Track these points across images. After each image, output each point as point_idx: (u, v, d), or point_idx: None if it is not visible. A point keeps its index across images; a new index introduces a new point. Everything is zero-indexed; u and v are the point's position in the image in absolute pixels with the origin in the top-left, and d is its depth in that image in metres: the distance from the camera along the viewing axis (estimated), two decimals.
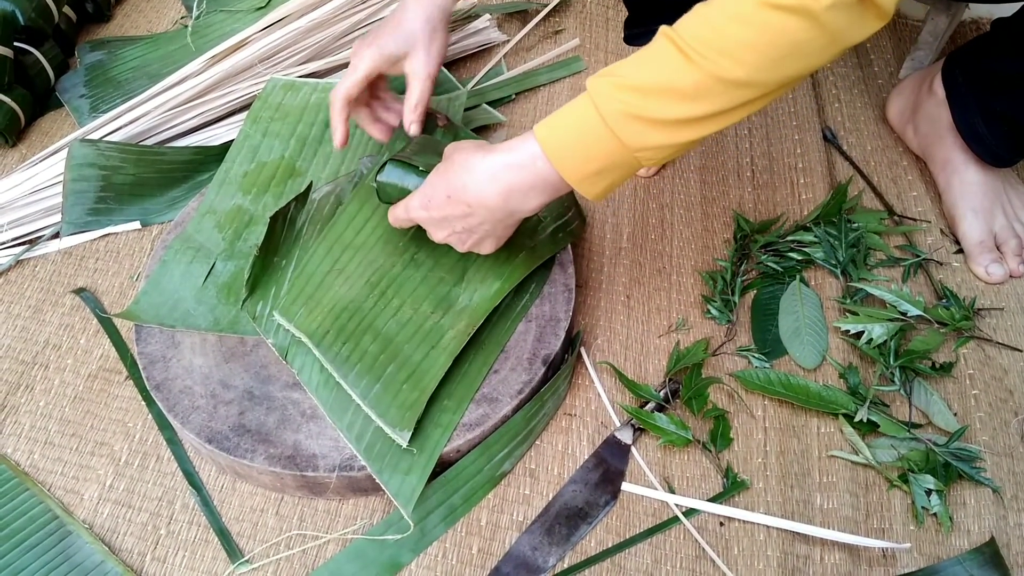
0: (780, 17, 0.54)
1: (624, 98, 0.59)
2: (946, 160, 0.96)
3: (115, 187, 0.97)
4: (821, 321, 0.87)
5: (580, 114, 0.61)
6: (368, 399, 0.73)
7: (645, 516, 0.75)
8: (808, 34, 0.55)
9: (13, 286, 0.94)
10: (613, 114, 0.59)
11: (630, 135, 0.60)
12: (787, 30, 0.55)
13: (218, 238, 0.87)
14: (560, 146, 0.63)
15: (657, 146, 0.60)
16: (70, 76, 1.15)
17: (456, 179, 0.68)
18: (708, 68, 0.56)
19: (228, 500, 0.77)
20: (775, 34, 0.55)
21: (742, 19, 0.55)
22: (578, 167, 0.63)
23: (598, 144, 0.61)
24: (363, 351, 0.75)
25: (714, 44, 0.56)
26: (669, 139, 0.60)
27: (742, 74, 0.56)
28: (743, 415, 0.82)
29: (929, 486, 0.74)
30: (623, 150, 0.61)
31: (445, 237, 0.72)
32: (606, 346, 0.87)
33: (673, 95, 0.58)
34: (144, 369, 0.78)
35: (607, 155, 0.61)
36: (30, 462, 0.80)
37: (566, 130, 0.62)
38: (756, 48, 0.56)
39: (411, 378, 0.74)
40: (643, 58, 0.60)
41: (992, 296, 0.90)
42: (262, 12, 1.18)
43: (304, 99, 0.99)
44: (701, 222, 0.97)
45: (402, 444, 0.71)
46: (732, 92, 0.58)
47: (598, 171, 0.63)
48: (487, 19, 1.18)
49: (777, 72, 0.57)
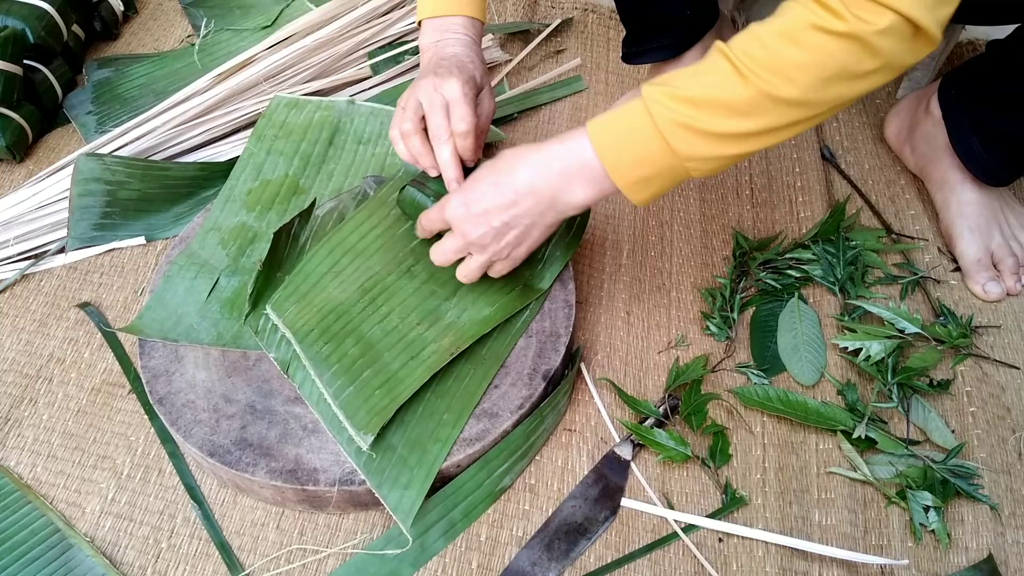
0: (831, 41, 0.56)
1: (678, 108, 0.61)
2: (943, 179, 0.97)
3: (120, 202, 0.98)
4: (819, 338, 0.87)
5: (633, 119, 0.63)
6: (340, 399, 0.74)
7: (644, 532, 0.76)
8: (857, 58, 0.57)
9: (18, 300, 0.94)
10: (666, 122, 0.61)
11: (681, 144, 0.62)
12: (837, 53, 0.57)
13: (222, 254, 0.88)
14: (612, 148, 0.65)
15: (706, 157, 0.63)
16: (78, 93, 1.17)
17: (505, 166, 0.70)
18: (760, 86, 0.58)
19: (229, 514, 0.77)
20: (825, 56, 0.57)
21: (794, 40, 0.57)
22: (627, 171, 0.65)
23: (649, 150, 0.63)
24: (343, 353, 0.76)
25: (766, 63, 0.58)
26: (719, 151, 0.62)
27: (793, 93, 0.58)
28: (742, 431, 0.82)
29: (927, 503, 0.75)
30: (673, 158, 0.63)
31: (479, 236, 0.71)
32: (606, 362, 0.87)
33: (725, 109, 0.60)
34: (147, 383, 0.79)
35: (657, 161, 0.64)
36: (33, 475, 0.80)
37: (618, 133, 0.65)
38: (807, 69, 0.58)
39: (385, 384, 0.75)
40: (699, 71, 0.62)
41: (989, 314, 0.91)
42: (268, 31, 1.20)
43: (308, 117, 1.01)
44: (700, 239, 0.98)
45: (363, 447, 0.71)
46: (782, 110, 0.60)
47: (647, 177, 0.65)
48: (489, 39, 1.20)
49: (827, 93, 0.59)
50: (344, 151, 0.99)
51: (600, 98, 1.16)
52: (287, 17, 1.22)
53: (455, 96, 0.76)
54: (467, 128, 0.76)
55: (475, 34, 0.84)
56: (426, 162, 0.80)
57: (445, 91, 0.76)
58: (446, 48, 0.81)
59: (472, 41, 0.83)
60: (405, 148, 0.80)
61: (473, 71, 0.79)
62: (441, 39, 0.82)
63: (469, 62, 0.80)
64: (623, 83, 1.18)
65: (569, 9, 1.29)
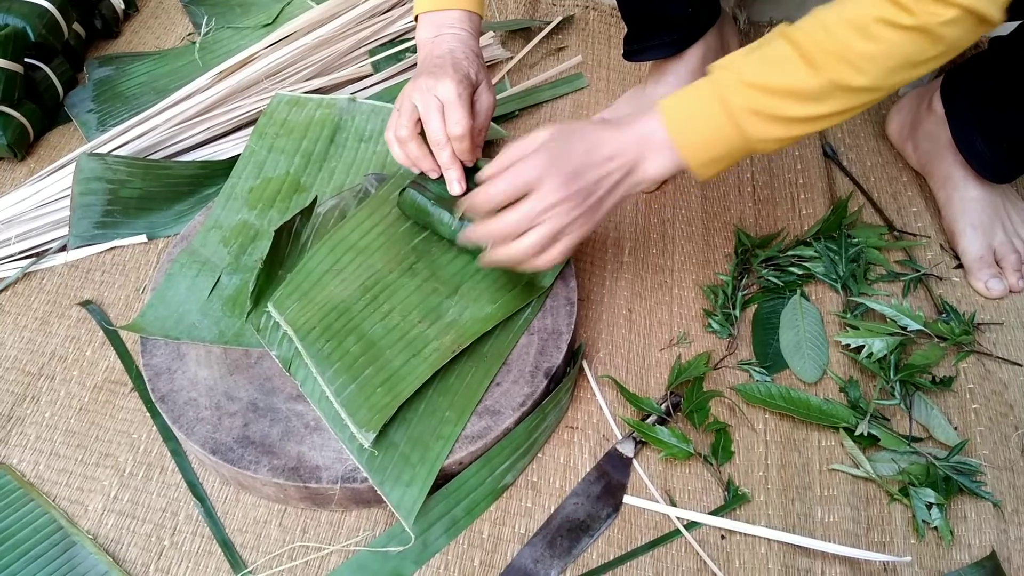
0: (899, 34, 0.59)
1: (749, 94, 0.64)
2: (946, 176, 0.97)
3: (122, 201, 0.98)
4: (822, 335, 0.87)
5: (705, 103, 0.67)
6: (341, 397, 0.74)
7: (647, 529, 0.76)
8: (924, 46, 0.60)
9: (20, 298, 0.94)
10: (738, 108, 0.65)
11: (752, 128, 0.65)
12: (906, 44, 0.60)
13: (223, 252, 0.88)
14: (684, 131, 0.68)
15: (776, 138, 0.66)
16: (78, 91, 1.17)
17: (588, 133, 0.70)
18: (831, 76, 0.62)
19: (231, 511, 0.77)
20: (894, 48, 0.60)
21: (863, 32, 0.60)
22: (699, 152, 0.68)
23: (720, 132, 0.67)
24: (345, 350, 0.76)
25: (837, 54, 0.61)
26: (788, 133, 0.66)
27: (862, 82, 0.62)
28: (744, 428, 0.82)
29: (930, 500, 0.75)
30: (743, 140, 0.66)
31: (565, 196, 0.67)
32: (608, 359, 0.87)
33: (797, 96, 0.64)
34: (149, 381, 0.79)
35: (727, 142, 0.67)
36: (35, 473, 0.80)
37: (690, 117, 0.68)
38: (876, 60, 0.61)
39: (387, 382, 0.75)
40: (767, 57, 0.65)
41: (992, 311, 0.91)
42: (269, 29, 1.20)
43: (309, 115, 1.01)
44: (702, 237, 0.98)
45: (365, 444, 0.71)
46: (851, 96, 0.63)
47: (717, 157, 0.68)
48: (491, 36, 1.20)
49: (895, 78, 0.62)
50: (345, 149, 0.99)
51: (601, 95, 1.16)
52: (288, 15, 1.22)
53: (449, 98, 0.76)
54: (462, 131, 0.76)
55: (472, 28, 0.83)
56: (426, 165, 0.80)
57: (439, 92, 0.76)
58: (442, 44, 0.81)
59: (469, 35, 0.82)
60: (402, 153, 0.80)
61: (468, 68, 0.79)
62: (438, 34, 0.82)
63: (464, 59, 0.79)
64: (624, 80, 1.18)
65: (570, 6, 1.29)
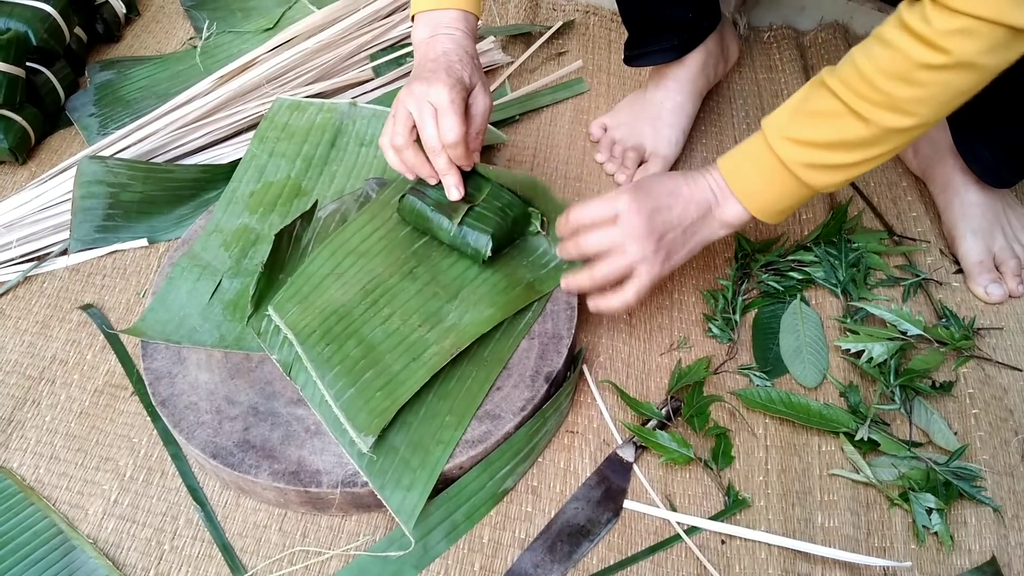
0: (942, 75, 0.60)
1: (804, 151, 0.68)
2: (946, 181, 0.97)
3: (123, 204, 0.98)
4: (822, 340, 0.87)
5: (766, 164, 0.71)
6: (341, 401, 0.74)
7: (647, 534, 0.76)
8: (969, 79, 0.61)
9: (21, 302, 0.94)
10: (797, 165, 0.69)
11: (814, 179, 0.69)
12: (951, 83, 0.61)
13: (224, 256, 0.88)
14: (752, 194, 0.73)
15: (838, 182, 0.70)
16: (80, 95, 1.17)
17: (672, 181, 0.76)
18: (881, 123, 0.64)
19: (232, 516, 0.77)
20: (941, 88, 0.61)
21: (907, 80, 0.61)
22: (768, 206, 0.73)
23: (785, 187, 0.71)
24: (345, 354, 0.77)
25: (882, 103, 0.63)
26: (848, 175, 0.70)
27: (911, 123, 0.64)
28: (744, 433, 0.82)
29: (930, 505, 0.75)
30: (807, 188, 0.71)
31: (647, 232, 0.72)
32: (608, 364, 0.87)
33: (850, 147, 0.67)
34: (150, 385, 0.79)
35: (793, 195, 0.72)
36: (35, 477, 0.80)
37: (755, 180, 0.72)
38: (923, 102, 0.62)
39: (386, 387, 0.75)
40: (815, 112, 0.68)
41: (992, 316, 0.91)
42: (270, 33, 1.20)
43: (310, 119, 1.01)
44: None
45: (364, 449, 0.72)
46: (904, 135, 0.65)
47: (785, 208, 0.74)
48: (491, 41, 1.20)
49: (942, 111, 0.64)
50: (346, 153, 0.99)
51: (602, 100, 1.17)
52: (289, 19, 1.23)
53: (442, 104, 0.75)
54: (456, 138, 0.76)
55: (468, 28, 0.83)
56: (424, 172, 0.80)
57: (432, 98, 0.76)
58: (437, 45, 0.81)
59: (464, 36, 0.82)
60: (399, 160, 0.80)
61: (462, 72, 0.78)
62: (433, 35, 0.82)
63: (458, 61, 0.79)
64: (624, 85, 1.18)
65: (571, 11, 1.30)
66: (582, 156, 1.09)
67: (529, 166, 1.08)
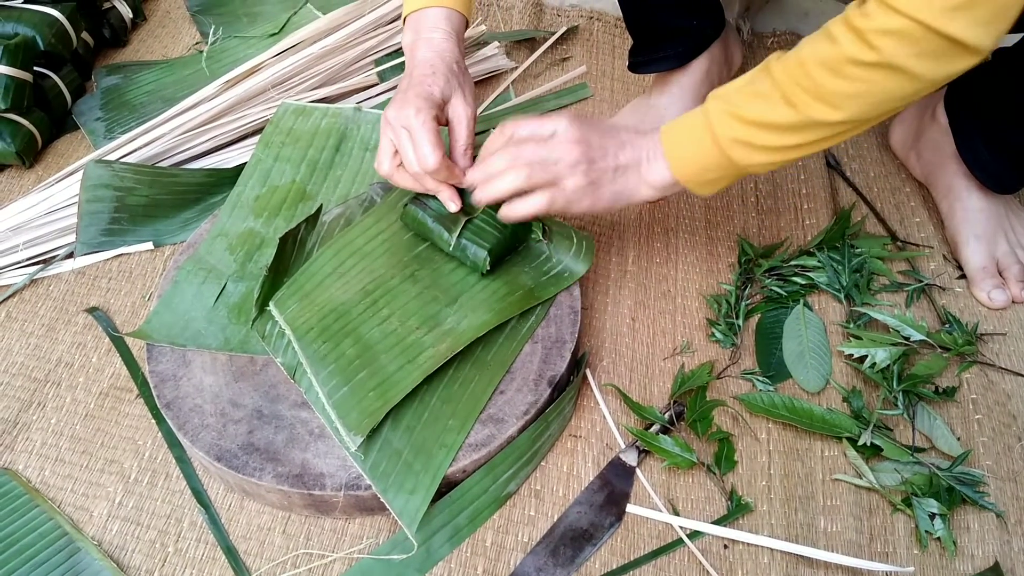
0: (869, 72, 0.60)
1: (735, 125, 0.68)
2: (949, 187, 0.97)
3: (129, 208, 0.98)
4: (825, 345, 0.87)
5: (697, 131, 0.71)
6: (333, 399, 0.74)
7: (650, 538, 0.76)
8: (898, 83, 0.60)
9: (27, 305, 0.95)
10: (725, 138, 0.69)
11: (738, 155, 0.69)
12: (878, 83, 0.60)
13: (229, 260, 0.88)
14: (679, 156, 0.73)
15: (762, 163, 0.70)
16: (87, 99, 1.18)
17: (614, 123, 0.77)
18: (807, 112, 0.64)
19: (236, 518, 0.77)
20: (867, 85, 0.60)
21: (836, 72, 0.61)
22: (694, 175, 0.73)
23: (711, 158, 0.71)
24: (341, 353, 0.77)
25: (812, 92, 0.63)
26: (772, 159, 0.69)
27: (838, 117, 0.63)
28: (747, 438, 0.82)
29: (933, 510, 0.75)
30: (732, 164, 0.70)
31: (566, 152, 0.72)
32: (611, 368, 0.88)
33: (776, 129, 0.66)
34: (155, 388, 0.79)
35: (719, 167, 0.71)
36: (41, 479, 0.81)
37: (684, 143, 0.73)
38: (850, 97, 0.62)
39: (379, 387, 0.75)
40: (756, 92, 0.68)
41: (995, 322, 0.91)
42: (275, 39, 1.21)
43: (315, 124, 1.01)
44: (706, 246, 0.99)
45: (351, 447, 0.72)
46: (828, 128, 0.65)
47: (711, 179, 0.73)
48: (496, 46, 1.21)
49: (872, 112, 0.63)
50: (351, 157, 0.99)
51: (605, 105, 1.17)
52: (294, 25, 1.23)
53: (414, 128, 0.74)
54: (434, 164, 0.74)
55: (451, 27, 0.81)
56: (420, 189, 0.81)
57: (404, 123, 0.75)
58: (416, 53, 0.80)
59: (445, 37, 0.80)
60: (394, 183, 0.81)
61: (432, 86, 0.77)
62: (415, 39, 0.81)
63: (431, 73, 0.77)
64: (628, 90, 1.19)
65: (575, 17, 1.30)
66: None
67: None
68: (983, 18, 0.55)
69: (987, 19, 0.55)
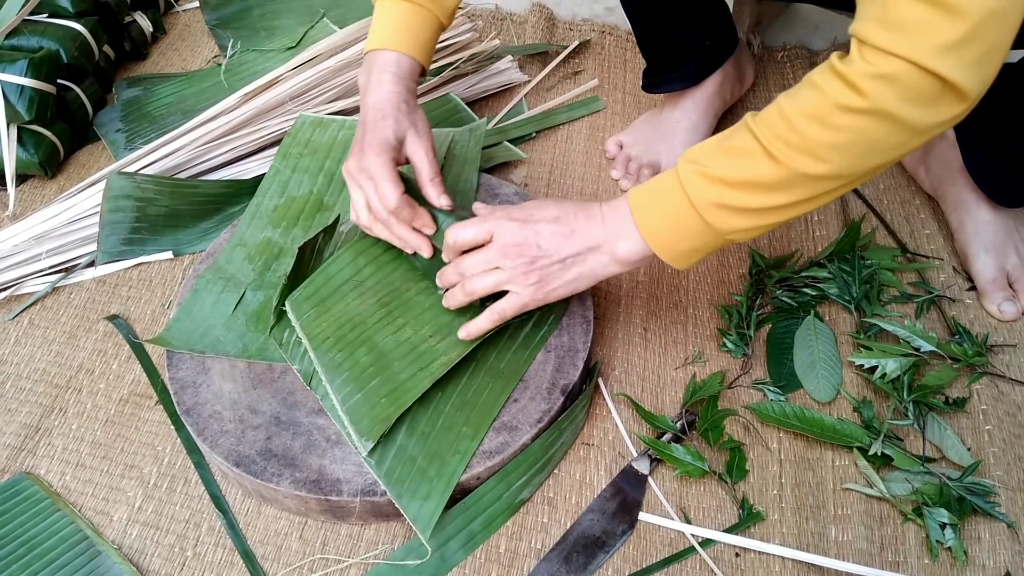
0: (856, 119, 0.56)
1: (712, 188, 0.63)
2: (958, 200, 0.98)
3: (149, 218, 1.00)
4: (835, 355, 0.88)
5: (671, 198, 0.66)
6: (347, 405, 0.76)
7: (662, 546, 0.76)
8: (886, 131, 0.56)
9: (49, 312, 0.97)
10: (703, 202, 0.64)
11: (718, 220, 0.64)
12: (866, 130, 0.57)
13: (248, 269, 0.90)
14: (653, 225, 0.67)
15: (744, 229, 0.64)
16: (107, 111, 1.20)
17: (567, 205, 0.72)
18: (792, 166, 0.59)
19: (253, 523, 0.79)
20: (855, 134, 0.57)
21: (822, 121, 0.57)
22: (671, 245, 0.68)
23: (688, 226, 0.66)
24: (355, 361, 0.79)
25: (796, 145, 0.59)
26: (755, 223, 0.64)
27: (825, 170, 0.59)
28: (759, 447, 0.83)
29: (943, 520, 0.75)
30: (713, 232, 0.65)
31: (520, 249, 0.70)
32: (623, 377, 0.88)
33: (759, 188, 0.62)
34: (175, 394, 0.80)
35: (698, 235, 0.66)
36: (62, 483, 0.82)
37: (658, 212, 0.67)
38: (837, 148, 0.58)
39: (392, 394, 0.76)
40: (731, 150, 0.63)
41: (1005, 333, 0.91)
42: (293, 52, 1.23)
43: (332, 135, 1.03)
44: (717, 257, 1.00)
45: (362, 452, 0.74)
46: (815, 184, 0.61)
47: (689, 249, 0.68)
48: (509, 60, 1.22)
49: (861, 166, 0.59)
50: None
51: (617, 118, 1.18)
52: (311, 39, 1.25)
53: (372, 173, 0.76)
54: (394, 204, 0.77)
55: (402, 71, 0.80)
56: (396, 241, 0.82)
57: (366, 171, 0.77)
58: (367, 98, 0.80)
59: (394, 79, 0.79)
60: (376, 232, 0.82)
61: (384, 130, 0.77)
62: (367, 80, 0.81)
63: (380, 118, 0.78)
64: (640, 103, 1.20)
65: (587, 31, 1.32)
66: (598, 173, 1.11)
67: (546, 182, 1.10)
68: (973, 59, 0.53)
69: (977, 60, 0.53)
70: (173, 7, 1.41)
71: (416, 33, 0.81)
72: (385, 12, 0.81)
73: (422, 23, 0.82)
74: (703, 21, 1.01)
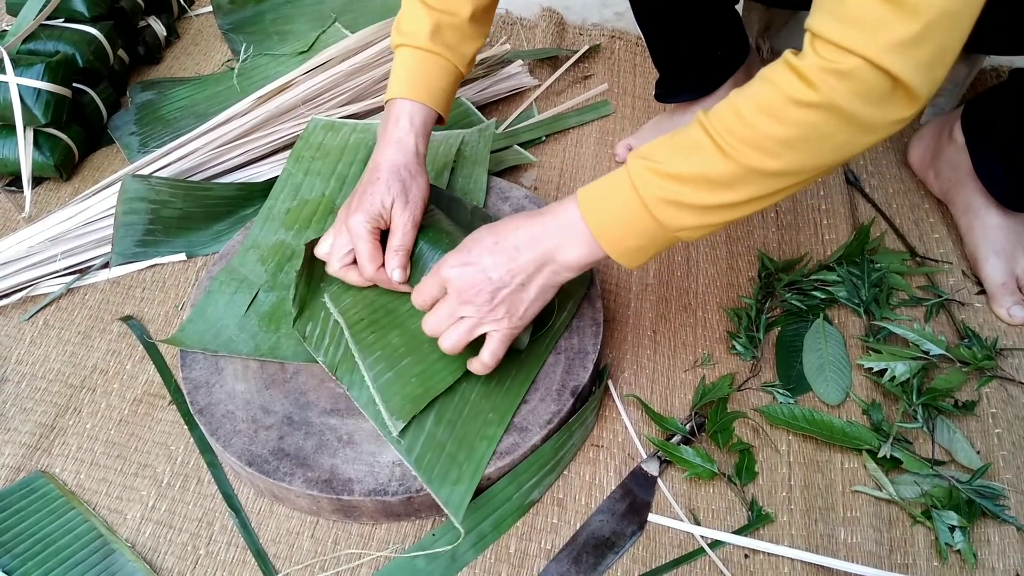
0: (808, 113, 0.55)
1: (662, 184, 0.61)
2: (967, 204, 0.98)
3: (163, 220, 1.01)
4: (845, 358, 0.88)
5: (620, 193, 0.64)
6: (378, 383, 0.78)
7: (671, 547, 0.77)
8: (837, 126, 0.56)
9: (64, 313, 0.98)
10: (652, 198, 0.62)
11: (668, 217, 0.62)
12: (816, 124, 0.56)
13: (261, 271, 0.91)
14: (601, 221, 0.65)
15: (694, 226, 0.63)
16: (122, 114, 1.21)
17: (502, 227, 0.70)
18: (742, 160, 0.58)
19: (265, 522, 0.79)
20: (805, 129, 0.56)
21: (772, 114, 0.57)
22: (618, 242, 0.66)
23: (637, 222, 0.64)
24: (387, 342, 0.81)
25: (747, 138, 0.58)
26: (705, 221, 0.62)
27: (776, 166, 0.58)
28: (768, 449, 0.83)
29: (953, 523, 0.75)
30: (662, 229, 0.63)
31: (473, 292, 0.69)
32: (633, 379, 0.89)
33: (708, 184, 0.60)
34: (188, 394, 0.81)
35: (646, 232, 0.64)
36: (76, 482, 0.83)
37: (606, 207, 0.65)
38: (788, 142, 0.57)
39: (423, 374, 0.78)
40: (681, 145, 0.62)
41: (1014, 337, 0.91)
42: (305, 56, 1.24)
43: (344, 139, 1.04)
44: (726, 260, 1.00)
45: (393, 432, 0.75)
46: (766, 180, 0.59)
47: (638, 247, 0.65)
48: (519, 65, 1.23)
49: (811, 162, 0.58)
50: None
51: (627, 122, 1.19)
52: (323, 43, 1.26)
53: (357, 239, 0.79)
54: (369, 275, 0.80)
55: (417, 122, 0.81)
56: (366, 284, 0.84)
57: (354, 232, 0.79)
58: (377, 155, 0.81)
59: (408, 132, 0.80)
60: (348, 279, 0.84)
61: (373, 197, 0.78)
62: (384, 128, 0.82)
63: (375, 181, 0.79)
64: (649, 108, 1.21)
65: (597, 36, 1.32)
66: None
67: (556, 186, 1.10)
68: (925, 59, 0.53)
69: (928, 61, 0.53)
70: (187, 12, 1.42)
71: (433, 82, 0.82)
72: (403, 61, 0.82)
73: (440, 72, 0.82)
74: (716, 32, 1.02)
